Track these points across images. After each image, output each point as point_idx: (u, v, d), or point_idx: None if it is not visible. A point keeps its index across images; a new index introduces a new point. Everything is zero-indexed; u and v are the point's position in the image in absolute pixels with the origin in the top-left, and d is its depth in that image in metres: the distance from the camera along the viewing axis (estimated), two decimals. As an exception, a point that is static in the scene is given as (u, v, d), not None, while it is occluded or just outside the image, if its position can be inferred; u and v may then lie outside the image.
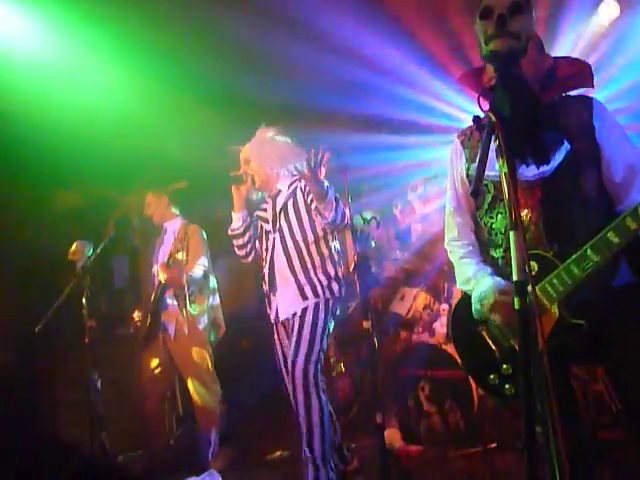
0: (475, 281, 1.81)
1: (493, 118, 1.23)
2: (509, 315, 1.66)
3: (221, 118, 3.96)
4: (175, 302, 3.65)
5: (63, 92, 3.80)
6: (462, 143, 1.91)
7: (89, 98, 3.87)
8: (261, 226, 3.12)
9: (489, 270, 1.81)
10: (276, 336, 2.96)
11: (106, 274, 4.71)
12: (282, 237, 2.93)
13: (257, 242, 3.15)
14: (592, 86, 1.74)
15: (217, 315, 3.84)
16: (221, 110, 4.05)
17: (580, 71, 1.73)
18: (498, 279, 1.75)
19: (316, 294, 2.83)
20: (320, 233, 2.91)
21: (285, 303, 2.88)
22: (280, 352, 2.94)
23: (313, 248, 2.89)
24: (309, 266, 2.86)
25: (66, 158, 4.08)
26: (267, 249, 3.00)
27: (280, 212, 2.98)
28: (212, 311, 3.79)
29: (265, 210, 3.11)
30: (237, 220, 3.09)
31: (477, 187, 1.20)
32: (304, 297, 2.83)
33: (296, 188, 2.99)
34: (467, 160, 1.87)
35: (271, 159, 3.00)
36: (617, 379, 1.72)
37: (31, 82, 3.68)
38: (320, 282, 2.85)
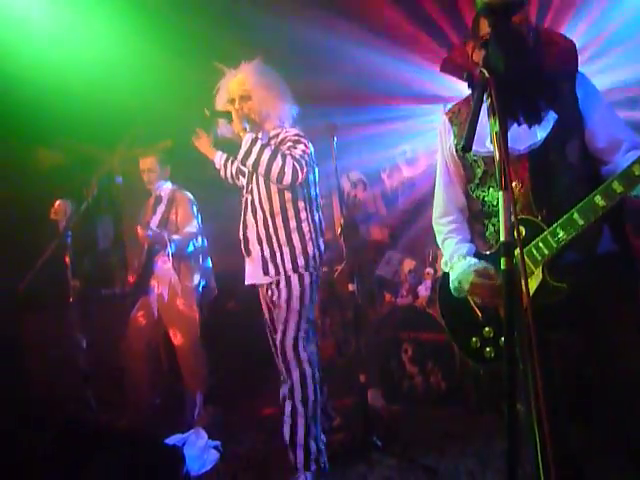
0: (451, 264, 1.87)
1: (487, 74, 1.20)
2: (486, 297, 1.75)
3: (208, 74, 3.85)
4: (169, 264, 3.63)
5: (44, 46, 3.66)
6: (450, 120, 1.92)
7: (72, 53, 3.73)
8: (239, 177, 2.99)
9: (464, 250, 1.87)
10: (261, 297, 2.93)
11: (90, 234, 4.65)
12: (252, 201, 2.77)
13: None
14: (577, 69, 1.76)
15: (209, 277, 3.85)
16: (208, 66, 3.93)
17: (567, 51, 1.76)
18: (472, 260, 1.80)
19: (277, 272, 2.70)
20: (288, 204, 2.71)
21: (251, 270, 2.82)
22: (266, 312, 2.89)
23: (279, 220, 2.70)
24: (274, 240, 2.71)
25: (48, 115, 3.96)
26: (242, 206, 2.85)
27: (254, 172, 2.75)
28: (205, 273, 3.81)
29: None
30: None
31: (468, 142, 1.19)
32: (265, 271, 2.72)
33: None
34: (455, 137, 1.89)
35: (273, 100, 2.75)
36: (598, 342, 1.74)
37: (10, 36, 3.53)
38: (282, 257, 2.69)
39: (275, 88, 2.78)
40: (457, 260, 1.86)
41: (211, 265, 3.89)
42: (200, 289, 3.75)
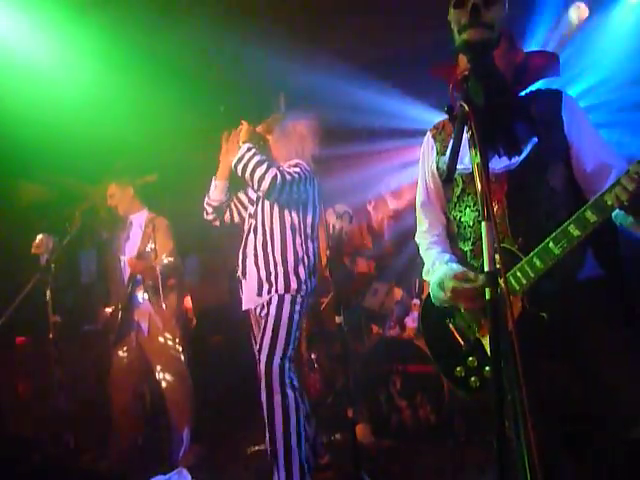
0: (432, 270, 1.85)
1: (466, 107, 1.22)
2: (468, 301, 1.70)
3: (192, 110, 3.89)
4: (147, 297, 3.56)
5: (27, 81, 3.68)
6: (434, 137, 1.92)
7: (54, 87, 3.75)
8: (242, 204, 3.08)
9: (446, 257, 1.85)
10: (252, 319, 2.91)
11: (72, 268, 4.59)
12: (256, 225, 2.85)
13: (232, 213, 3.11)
14: (558, 75, 1.77)
15: (187, 307, 3.79)
16: (192, 102, 3.98)
17: (548, 61, 1.77)
18: (453, 265, 1.78)
19: (269, 291, 2.74)
20: (287, 229, 2.81)
21: (247, 294, 2.84)
22: (257, 334, 2.85)
23: (277, 240, 2.79)
24: (270, 259, 2.77)
25: (30, 149, 3.96)
26: (244, 232, 2.93)
27: (261, 198, 2.87)
28: (184, 303, 3.75)
29: (246, 194, 3.06)
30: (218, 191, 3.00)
31: (450, 174, 1.20)
32: (259, 293, 2.76)
33: None
34: (438, 153, 1.88)
35: (293, 151, 2.92)
36: (582, 371, 1.73)
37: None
38: (276, 276, 2.74)
39: (294, 137, 2.94)
40: (439, 265, 1.83)
41: (189, 296, 3.84)
42: (181, 320, 3.69)
